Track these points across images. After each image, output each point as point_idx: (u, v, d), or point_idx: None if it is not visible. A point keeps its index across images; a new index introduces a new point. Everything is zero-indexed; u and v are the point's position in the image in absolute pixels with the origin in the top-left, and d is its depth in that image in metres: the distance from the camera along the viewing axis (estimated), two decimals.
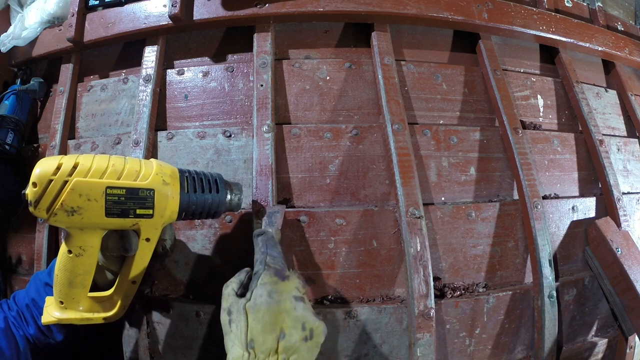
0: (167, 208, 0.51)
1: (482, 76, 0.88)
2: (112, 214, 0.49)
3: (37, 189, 0.46)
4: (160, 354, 0.72)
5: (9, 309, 0.61)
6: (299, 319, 0.46)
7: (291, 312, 0.46)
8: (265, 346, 0.44)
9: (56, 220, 0.48)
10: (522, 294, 0.77)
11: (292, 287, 0.49)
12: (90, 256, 0.52)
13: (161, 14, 0.81)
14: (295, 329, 0.45)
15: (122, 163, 0.50)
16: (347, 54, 0.84)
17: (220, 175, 0.58)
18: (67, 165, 0.47)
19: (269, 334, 0.44)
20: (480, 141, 0.82)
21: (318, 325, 0.47)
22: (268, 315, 0.45)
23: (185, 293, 0.72)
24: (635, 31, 1.18)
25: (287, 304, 0.46)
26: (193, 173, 0.55)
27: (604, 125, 1.00)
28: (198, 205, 0.54)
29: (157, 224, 0.52)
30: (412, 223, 0.69)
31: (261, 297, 0.46)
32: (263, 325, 0.44)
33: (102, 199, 0.48)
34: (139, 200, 0.49)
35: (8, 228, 0.93)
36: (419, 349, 0.66)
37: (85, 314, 0.56)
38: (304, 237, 0.71)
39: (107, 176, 0.48)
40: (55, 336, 0.60)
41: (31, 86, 0.94)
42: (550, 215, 0.82)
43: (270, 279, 0.48)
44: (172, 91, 0.82)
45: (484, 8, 0.87)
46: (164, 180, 0.51)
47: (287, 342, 0.44)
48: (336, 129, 0.76)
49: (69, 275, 0.52)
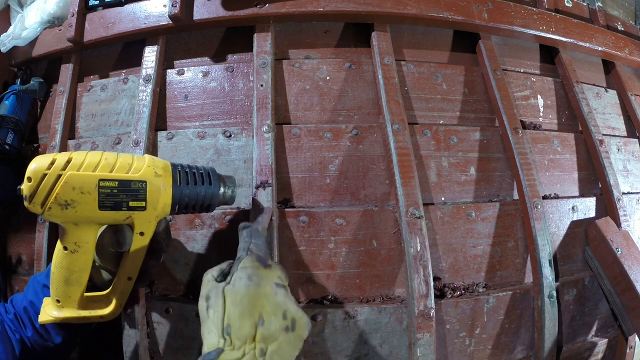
0: (159, 200, 0.51)
1: (482, 76, 0.88)
2: (106, 206, 0.49)
3: (31, 184, 0.47)
4: (160, 354, 0.72)
5: (6, 312, 0.61)
6: (280, 306, 0.43)
7: (271, 297, 0.43)
8: (242, 332, 0.41)
9: (50, 215, 0.48)
10: (522, 294, 0.77)
11: (274, 275, 0.46)
12: (86, 252, 0.52)
13: (161, 14, 0.81)
14: (275, 316, 0.43)
15: (115, 157, 0.50)
16: (347, 54, 0.84)
17: (213, 169, 0.58)
18: (60, 160, 0.48)
19: (247, 319, 0.41)
20: (480, 141, 0.83)
21: (301, 316, 0.44)
22: (247, 299, 0.42)
23: (185, 293, 0.72)
24: (635, 31, 1.18)
25: (267, 288, 0.44)
26: (185, 166, 0.55)
27: (604, 125, 1.00)
28: (191, 197, 0.54)
29: (151, 217, 0.52)
30: (412, 223, 0.69)
31: (241, 279, 0.44)
32: (241, 309, 0.42)
33: (95, 192, 0.48)
34: (131, 192, 0.50)
35: (8, 228, 0.93)
36: (419, 349, 0.66)
37: (82, 312, 0.56)
38: (304, 237, 0.71)
39: (99, 169, 0.49)
40: (54, 338, 0.60)
41: (31, 86, 0.94)
42: (550, 215, 0.82)
43: (252, 263, 0.46)
44: (172, 91, 0.82)
45: (484, 8, 0.87)
46: (156, 172, 0.51)
47: (266, 329, 0.42)
48: (336, 129, 0.76)
49: (64, 272, 0.52)
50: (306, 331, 0.45)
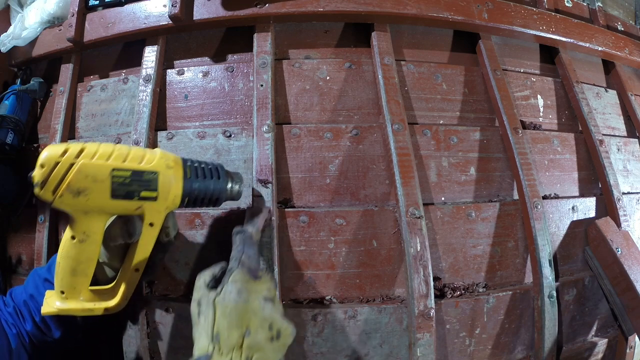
0: (170, 192, 0.52)
1: (482, 76, 0.88)
2: (118, 195, 0.50)
3: (44, 170, 0.47)
4: (160, 354, 0.72)
5: (5, 305, 0.61)
6: (266, 320, 0.46)
7: (259, 312, 0.46)
8: (230, 341, 0.44)
9: (62, 202, 0.49)
10: (522, 294, 0.77)
11: (263, 288, 0.49)
12: (93, 243, 0.53)
13: (161, 14, 0.81)
14: (262, 328, 0.46)
15: (127, 149, 0.52)
16: (347, 54, 0.84)
17: (221, 165, 0.59)
18: (74, 149, 0.48)
19: (235, 330, 0.44)
20: (480, 141, 0.82)
21: (286, 327, 0.48)
22: (235, 313, 0.45)
23: (185, 293, 0.72)
24: (635, 31, 1.18)
25: (255, 303, 0.47)
26: (195, 161, 0.57)
27: (604, 125, 1.00)
28: (200, 191, 0.55)
29: (161, 208, 0.53)
30: (412, 223, 0.69)
31: (230, 294, 0.46)
32: (229, 321, 0.45)
33: (107, 180, 0.49)
34: (143, 182, 0.51)
35: (8, 228, 0.93)
36: (419, 349, 0.66)
37: (86, 304, 0.56)
38: (304, 237, 0.71)
39: (113, 159, 0.49)
40: (53, 333, 0.60)
41: (31, 86, 0.94)
42: (550, 215, 0.82)
43: (242, 277, 0.48)
44: (172, 91, 0.82)
45: (484, 8, 0.87)
46: (168, 165, 0.52)
47: (252, 340, 0.45)
48: (336, 129, 0.76)
49: (71, 262, 0.53)
50: (290, 338, 0.48)
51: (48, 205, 0.82)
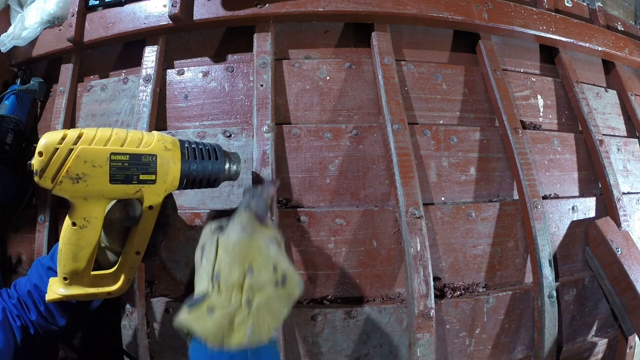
0: (169, 174, 0.52)
1: (482, 76, 0.88)
2: (117, 180, 0.50)
3: (43, 158, 0.47)
4: (160, 354, 0.72)
5: (9, 297, 0.61)
6: (270, 259, 0.44)
7: (263, 250, 0.44)
8: (230, 279, 0.42)
9: (61, 189, 0.49)
10: (522, 294, 0.77)
11: (269, 232, 0.47)
12: (94, 228, 0.53)
13: (161, 14, 0.81)
14: (265, 268, 0.43)
15: (125, 132, 0.51)
16: (347, 54, 0.84)
17: (219, 145, 0.59)
18: (72, 135, 0.48)
19: (236, 267, 0.42)
20: (480, 141, 0.83)
21: (293, 274, 0.45)
22: (238, 248, 0.43)
23: (185, 293, 0.72)
24: (635, 31, 1.18)
25: (260, 240, 0.44)
26: (193, 142, 0.57)
27: (604, 125, 1.00)
28: (199, 172, 0.55)
29: (160, 191, 0.53)
30: (412, 223, 0.69)
31: (234, 230, 0.45)
32: (232, 257, 0.43)
33: (106, 165, 0.49)
34: (142, 165, 0.51)
35: (8, 228, 0.94)
36: (419, 349, 0.66)
37: (89, 289, 0.56)
38: (304, 237, 0.71)
39: (111, 143, 0.49)
40: (58, 321, 0.60)
41: (31, 86, 0.94)
42: (550, 215, 0.82)
43: (248, 217, 0.47)
44: (172, 91, 0.82)
45: (484, 8, 0.87)
46: (166, 147, 0.52)
47: (255, 279, 0.42)
48: (336, 129, 0.76)
49: (73, 248, 0.53)
50: (297, 290, 0.45)
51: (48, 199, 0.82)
